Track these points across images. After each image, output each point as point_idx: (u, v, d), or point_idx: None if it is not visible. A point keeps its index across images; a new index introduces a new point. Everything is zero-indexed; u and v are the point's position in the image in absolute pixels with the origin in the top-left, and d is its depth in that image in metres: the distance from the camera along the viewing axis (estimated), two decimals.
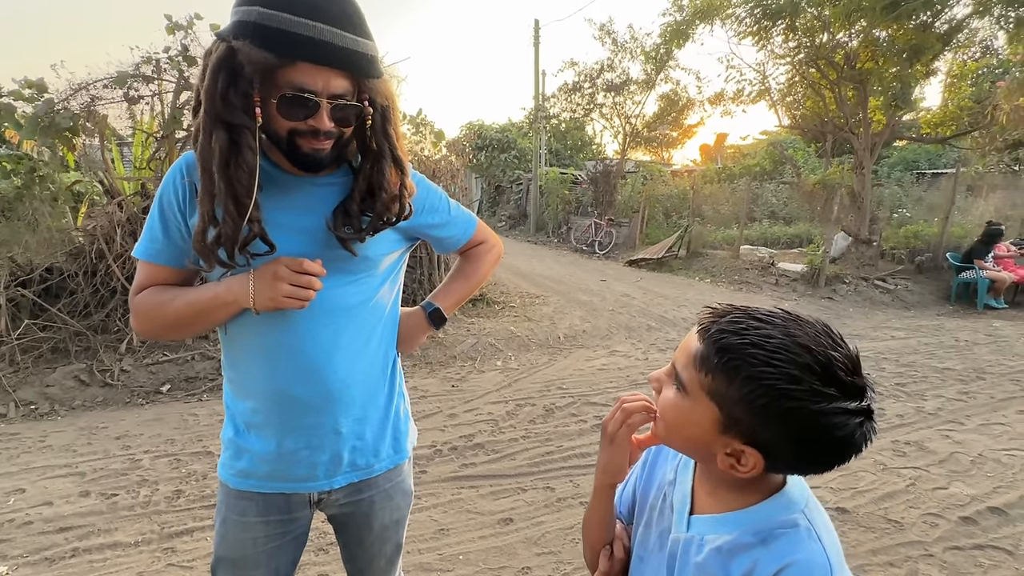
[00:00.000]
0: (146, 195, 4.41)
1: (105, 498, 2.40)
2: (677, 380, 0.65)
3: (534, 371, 4.23)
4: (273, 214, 0.86)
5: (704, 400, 0.61)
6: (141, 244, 0.91)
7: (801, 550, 0.59)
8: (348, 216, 0.90)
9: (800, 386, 0.55)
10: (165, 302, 0.89)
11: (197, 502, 2.38)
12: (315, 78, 0.77)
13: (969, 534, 2.21)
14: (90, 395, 3.62)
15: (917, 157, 15.08)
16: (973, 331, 5.63)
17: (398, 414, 1.07)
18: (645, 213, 11.47)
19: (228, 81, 0.75)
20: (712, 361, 0.59)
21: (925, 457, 2.85)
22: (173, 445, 2.93)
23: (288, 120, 0.80)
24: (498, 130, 17.96)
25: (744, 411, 0.58)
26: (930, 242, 8.21)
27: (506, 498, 2.45)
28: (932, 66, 7.92)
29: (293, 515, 0.99)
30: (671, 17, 10.27)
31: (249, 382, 0.94)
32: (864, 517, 2.32)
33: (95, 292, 4.16)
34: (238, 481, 0.96)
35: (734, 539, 0.63)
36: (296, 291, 0.84)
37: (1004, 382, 4.02)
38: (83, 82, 4.55)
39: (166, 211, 0.89)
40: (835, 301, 7.01)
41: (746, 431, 0.59)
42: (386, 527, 1.07)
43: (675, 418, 0.65)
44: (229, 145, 0.77)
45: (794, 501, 0.64)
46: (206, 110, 0.77)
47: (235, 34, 0.74)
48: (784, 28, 8.09)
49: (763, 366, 0.56)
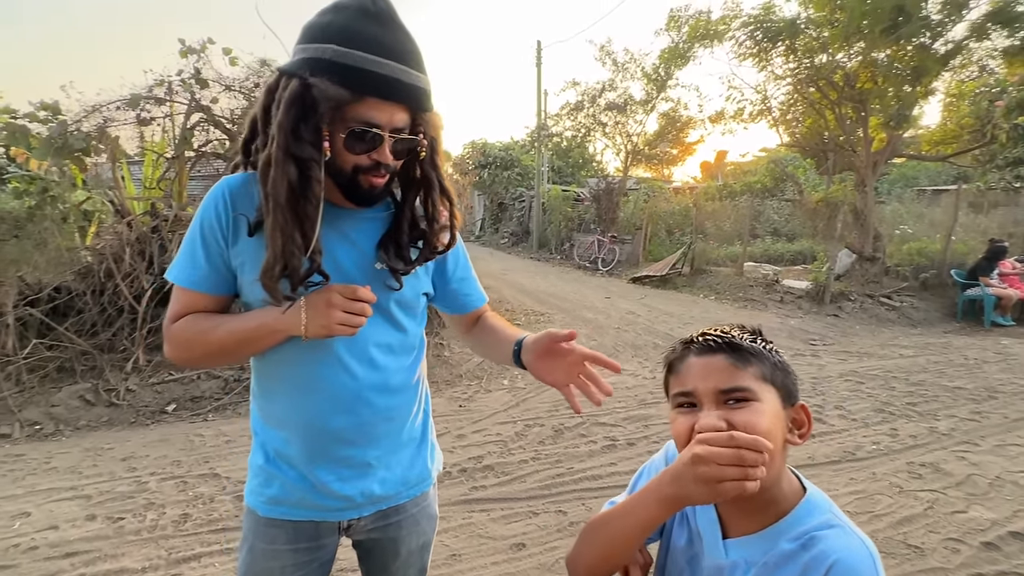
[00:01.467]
0: (155, 214, 4.44)
1: (111, 522, 2.37)
2: (735, 394, 0.68)
3: (542, 390, 4.20)
4: (329, 245, 0.87)
5: (766, 388, 0.69)
6: (180, 271, 0.89)
7: (843, 547, 0.63)
8: (399, 247, 0.91)
9: (753, 335, 0.75)
10: (207, 330, 0.87)
11: (204, 526, 2.34)
12: (381, 113, 0.79)
13: (992, 560, 2.16)
14: (95, 415, 3.59)
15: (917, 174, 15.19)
16: (982, 349, 5.59)
17: (426, 442, 1.07)
18: (648, 230, 11.52)
19: (300, 116, 0.77)
20: (743, 355, 0.70)
21: (942, 479, 2.81)
22: (179, 467, 2.90)
23: (353, 154, 0.81)
24: (501, 148, 18.16)
25: (781, 374, 0.71)
26: (934, 259, 8.21)
27: (518, 522, 2.41)
28: (931, 86, 8.03)
29: (321, 542, 0.98)
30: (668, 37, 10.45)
31: (282, 412, 0.94)
32: (884, 542, 2.27)
33: (102, 311, 4.16)
34: (268, 508, 0.95)
35: (777, 551, 0.66)
36: (349, 318, 0.84)
37: (1017, 401, 3.98)
38: (96, 104, 4.63)
39: (208, 238, 0.87)
40: (841, 318, 6.98)
41: (789, 392, 0.71)
42: (412, 552, 1.06)
43: (768, 424, 0.67)
44: (299, 179, 0.78)
45: (820, 505, 0.69)
46: (278, 144, 0.78)
47: (310, 71, 0.76)
48: (784, 49, 8.23)
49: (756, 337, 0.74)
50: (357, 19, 0.77)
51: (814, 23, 7.67)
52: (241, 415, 3.70)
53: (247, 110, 4.87)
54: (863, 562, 0.61)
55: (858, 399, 4.02)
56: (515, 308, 6.89)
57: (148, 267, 4.24)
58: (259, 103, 0.84)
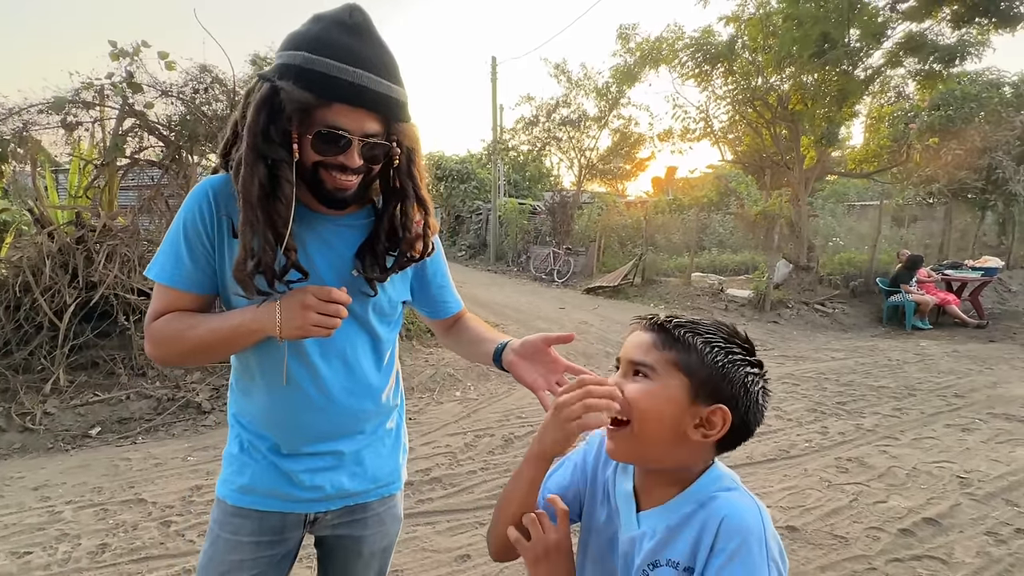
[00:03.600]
0: (81, 224, 4.17)
1: (16, 557, 2.16)
2: (640, 368, 0.70)
3: (494, 400, 4.19)
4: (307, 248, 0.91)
5: (672, 374, 0.69)
6: (163, 269, 0.90)
7: (734, 504, 0.68)
8: (375, 255, 0.94)
9: (734, 344, 0.71)
10: (186, 329, 0.89)
11: (125, 556, 2.18)
12: (349, 118, 0.82)
13: (908, 545, 2.31)
14: (6, 442, 3.30)
15: (847, 190, 16.32)
16: (903, 351, 6.03)
17: (399, 444, 1.11)
18: (601, 242, 11.79)
19: (269, 119, 0.80)
20: (670, 338, 0.70)
21: (866, 472, 2.99)
22: (100, 494, 2.69)
23: (321, 155, 0.84)
24: (457, 161, 18.21)
25: (706, 371, 0.68)
26: (862, 268, 8.83)
27: (463, 534, 2.38)
28: (854, 109, 8.70)
29: (286, 535, 1.00)
30: (621, 59, 10.87)
31: (256, 408, 0.97)
32: (812, 534, 2.39)
33: (18, 328, 3.85)
34: (237, 497, 0.97)
35: (679, 515, 0.70)
36: (324, 319, 0.85)
37: (932, 398, 4.31)
38: (16, 106, 4.33)
39: (192, 238, 0.89)
40: (780, 325, 7.36)
41: (711, 391, 0.68)
42: (374, 553, 1.07)
43: (650, 403, 0.69)
44: (269, 179, 0.82)
45: (723, 474, 0.73)
46: (248, 145, 0.81)
47: (279, 75, 0.80)
48: (723, 71, 8.71)
49: (708, 333, 0.70)
50: (332, 30, 0.81)
51: (749, 48, 8.18)
52: (175, 436, 3.49)
53: (185, 116, 4.69)
54: (751, 516, 0.66)
55: (794, 400, 4.24)
56: None
57: (72, 280, 3.97)
58: (239, 108, 0.86)
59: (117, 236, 4.16)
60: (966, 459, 3.15)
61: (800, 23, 7.19)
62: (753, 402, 0.69)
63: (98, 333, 4.01)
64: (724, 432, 0.68)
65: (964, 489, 2.79)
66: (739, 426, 0.69)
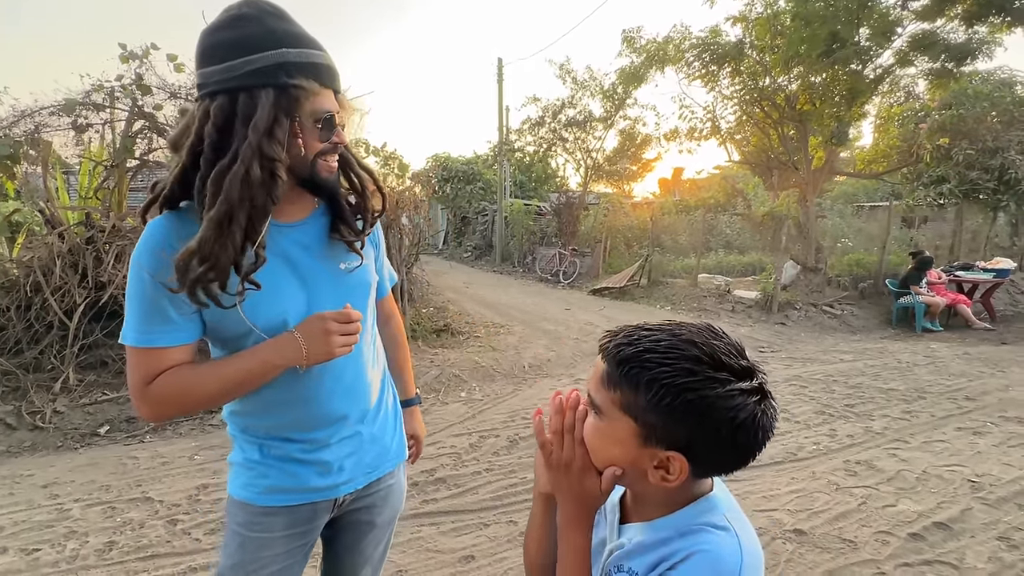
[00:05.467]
0: (91, 225, 4.21)
1: (25, 554, 2.18)
2: (592, 405, 0.66)
3: (499, 401, 4.19)
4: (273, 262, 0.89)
5: (619, 416, 0.62)
6: (138, 333, 0.84)
7: (714, 543, 0.61)
8: (346, 222, 0.98)
9: (695, 377, 0.58)
10: (197, 384, 0.86)
11: (132, 553, 2.19)
12: (329, 100, 0.86)
13: (917, 550, 2.28)
14: (16, 440, 3.33)
15: (856, 191, 16.19)
16: (913, 353, 5.96)
17: (398, 414, 1.16)
18: (607, 243, 11.76)
19: (274, 119, 0.81)
20: (616, 376, 0.61)
21: (875, 476, 2.95)
22: (108, 492, 2.72)
23: (322, 142, 0.87)
24: (464, 162, 18.22)
25: (656, 416, 0.59)
26: (871, 269, 8.74)
27: (468, 534, 2.38)
28: (864, 109, 8.63)
29: (316, 523, 1.02)
30: (626, 59, 10.85)
31: (277, 417, 0.97)
32: (820, 538, 2.36)
33: (28, 327, 3.89)
34: (266, 498, 0.97)
35: (657, 535, 0.66)
36: (347, 339, 0.91)
37: (943, 401, 4.25)
38: (28, 109, 4.39)
39: (160, 289, 0.82)
40: (787, 326, 7.30)
41: (664, 436, 0.60)
42: (383, 526, 1.12)
43: (598, 443, 0.65)
44: (264, 177, 0.82)
45: (717, 506, 0.66)
46: (251, 144, 0.80)
47: (269, 77, 0.79)
48: (730, 71, 8.67)
49: (658, 367, 0.59)
50: (275, 21, 0.80)
51: (757, 48, 8.14)
52: (182, 435, 3.52)
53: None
54: (729, 561, 0.59)
55: (801, 402, 4.20)
56: (476, 321, 6.86)
57: (81, 280, 4.01)
58: (191, 132, 0.83)
59: (126, 237, 4.20)
60: (977, 463, 3.11)
61: (808, 22, 7.14)
62: (741, 429, 0.58)
63: (107, 333, 4.04)
64: (683, 479, 0.61)
65: (975, 493, 2.75)
66: (728, 454, 0.61)
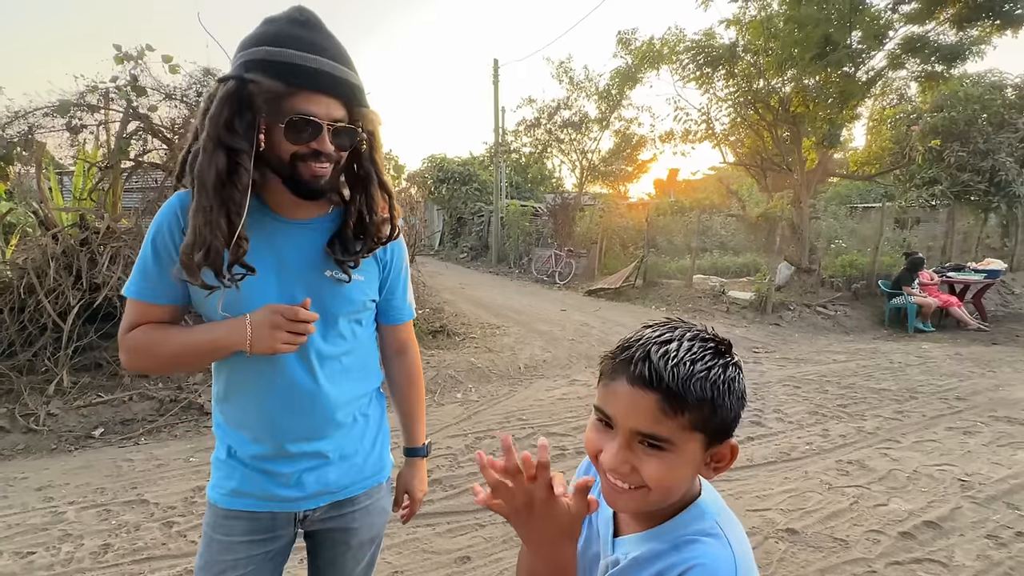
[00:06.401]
0: (85, 226, 4.20)
1: (20, 557, 2.18)
2: (652, 443, 0.61)
3: (494, 403, 4.20)
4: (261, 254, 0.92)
5: (689, 437, 0.61)
6: (133, 284, 0.94)
7: (710, 554, 0.62)
8: (344, 241, 0.98)
9: (726, 363, 0.63)
10: (159, 342, 0.92)
11: (127, 556, 2.19)
12: (317, 105, 0.87)
13: (908, 548, 2.31)
14: (10, 443, 3.32)
15: (850, 192, 16.29)
16: (905, 353, 6.01)
17: (382, 433, 1.13)
18: (603, 244, 11.80)
19: (234, 110, 0.83)
20: (678, 399, 0.59)
21: (866, 475, 2.99)
22: (103, 495, 2.71)
23: (294, 144, 0.87)
24: (460, 163, 18.23)
25: (718, 416, 0.61)
26: (864, 270, 8.81)
27: (464, 535, 2.39)
28: (856, 111, 8.71)
29: (277, 533, 1.02)
30: (621, 60, 10.90)
31: (240, 413, 0.99)
32: (812, 537, 2.39)
33: (22, 329, 3.87)
34: (228, 500, 0.99)
35: (651, 548, 0.66)
36: (292, 338, 0.90)
37: (934, 401, 4.30)
38: (22, 109, 4.37)
39: (161, 252, 0.92)
40: (781, 327, 7.35)
41: (723, 431, 0.63)
42: (362, 544, 1.10)
43: (673, 475, 0.62)
44: (228, 166, 0.84)
45: (707, 512, 0.67)
46: (209, 134, 0.83)
47: (245, 70, 0.84)
48: (724, 74, 8.73)
49: (708, 371, 0.60)
50: (287, 26, 0.87)
51: (751, 50, 8.20)
52: (176, 437, 3.51)
53: (189, 120, 4.72)
54: (723, 571, 0.61)
55: (794, 403, 4.23)
56: (471, 322, 6.88)
57: (75, 282, 3.99)
58: (199, 113, 0.89)
59: (121, 238, 4.19)
60: (967, 462, 3.14)
61: (801, 25, 7.20)
62: (744, 394, 0.65)
63: (101, 335, 4.03)
64: (734, 461, 0.66)
65: (965, 492, 2.78)
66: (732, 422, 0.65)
